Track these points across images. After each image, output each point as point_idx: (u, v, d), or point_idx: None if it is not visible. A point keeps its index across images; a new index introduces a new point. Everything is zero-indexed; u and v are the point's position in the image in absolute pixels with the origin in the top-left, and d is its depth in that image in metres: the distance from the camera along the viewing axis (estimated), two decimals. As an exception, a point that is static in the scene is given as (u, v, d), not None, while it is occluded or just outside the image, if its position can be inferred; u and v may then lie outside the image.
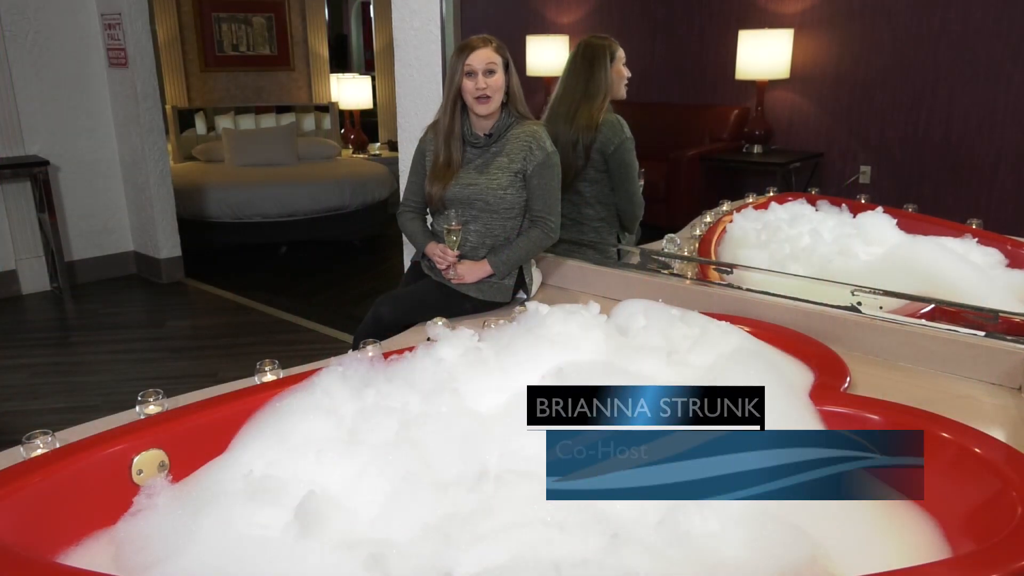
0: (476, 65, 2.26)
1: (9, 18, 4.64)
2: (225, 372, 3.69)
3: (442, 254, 2.37)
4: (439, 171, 2.38)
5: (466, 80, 2.28)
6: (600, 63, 2.65)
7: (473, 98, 2.28)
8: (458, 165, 2.38)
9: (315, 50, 7.48)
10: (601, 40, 2.68)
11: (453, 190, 2.37)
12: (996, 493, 1.28)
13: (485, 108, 2.30)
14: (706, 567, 1.18)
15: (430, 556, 1.21)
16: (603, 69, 2.65)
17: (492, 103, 2.29)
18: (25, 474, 1.35)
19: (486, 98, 2.28)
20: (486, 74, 2.26)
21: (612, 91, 2.68)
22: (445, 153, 2.37)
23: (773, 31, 2.86)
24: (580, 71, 2.67)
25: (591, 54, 2.66)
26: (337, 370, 1.68)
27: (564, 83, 2.72)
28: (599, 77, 2.65)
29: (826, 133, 2.84)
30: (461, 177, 2.37)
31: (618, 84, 2.70)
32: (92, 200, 5.17)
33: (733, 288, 2.38)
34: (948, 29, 2.51)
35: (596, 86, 2.65)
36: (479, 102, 2.28)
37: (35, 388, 3.62)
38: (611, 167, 2.69)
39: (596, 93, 2.65)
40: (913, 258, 2.35)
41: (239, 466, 1.44)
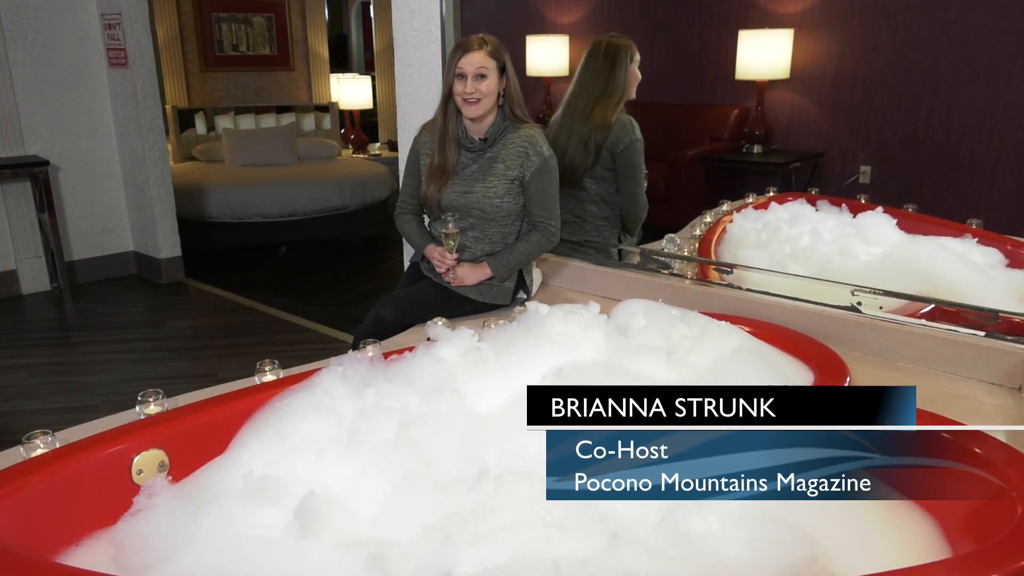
0: (466, 69, 2.24)
1: (9, 18, 4.64)
2: (225, 372, 3.69)
3: (440, 257, 2.36)
4: (434, 174, 2.37)
5: (456, 82, 2.27)
6: (621, 63, 2.66)
7: (462, 100, 2.27)
8: (453, 169, 2.36)
9: (315, 50, 7.48)
10: (622, 40, 2.69)
11: (449, 197, 2.36)
12: (996, 493, 1.28)
13: (472, 111, 2.27)
14: (706, 567, 1.18)
15: (430, 556, 1.21)
16: (623, 69, 2.66)
17: (480, 107, 2.27)
18: (25, 474, 1.35)
19: (474, 101, 2.26)
20: (476, 78, 2.24)
21: (626, 92, 2.69)
22: (440, 156, 2.36)
23: (773, 31, 2.86)
24: (601, 70, 2.67)
25: (613, 53, 2.67)
26: (337, 370, 1.68)
27: (581, 80, 2.72)
28: (619, 77, 2.66)
29: (826, 133, 2.84)
30: (457, 184, 2.36)
31: (632, 86, 2.70)
32: (92, 200, 5.17)
33: (733, 288, 2.38)
34: (948, 29, 2.51)
35: (615, 86, 2.66)
36: (466, 105, 2.27)
37: (35, 388, 3.62)
38: (618, 166, 2.69)
39: (614, 92, 2.66)
40: (913, 258, 2.35)
41: (239, 466, 1.44)
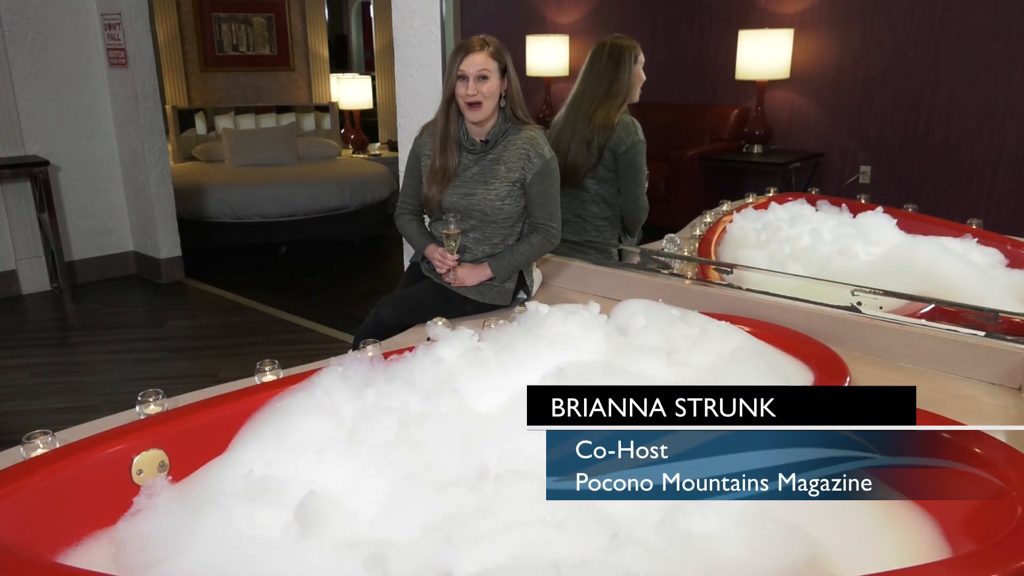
0: (468, 71, 2.24)
1: (9, 18, 4.64)
2: (225, 372, 3.69)
3: (441, 258, 2.36)
4: (436, 176, 2.37)
5: (458, 84, 2.26)
6: (625, 64, 2.65)
7: (464, 103, 2.27)
8: (455, 171, 2.36)
9: (315, 50, 7.48)
10: (626, 41, 2.68)
11: (451, 198, 2.36)
12: (996, 493, 1.28)
13: (475, 115, 2.27)
14: (706, 567, 1.18)
15: (430, 556, 1.21)
16: (627, 70, 2.65)
17: (483, 110, 2.27)
18: (25, 474, 1.35)
19: (477, 104, 2.25)
20: (478, 80, 2.24)
21: (630, 93, 2.69)
22: (442, 159, 2.35)
23: (773, 31, 2.86)
24: (605, 71, 2.67)
25: (617, 54, 2.66)
26: (337, 370, 1.68)
27: (585, 81, 2.71)
28: (623, 78, 2.65)
29: (826, 133, 2.84)
30: (459, 186, 2.36)
31: (635, 87, 2.70)
32: (92, 200, 5.17)
33: (733, 288, 2.38)
34: (948, 29, 2.51)
35: (619, 87, 2.66)
36: (470, 108, 2.27)
37: (35, 388, 3.62)
38: (620, 167, 2.69)
39: (618, 93, 2.66)
40: (913, 258, 2.35)
41: (239, 466, 1.44)
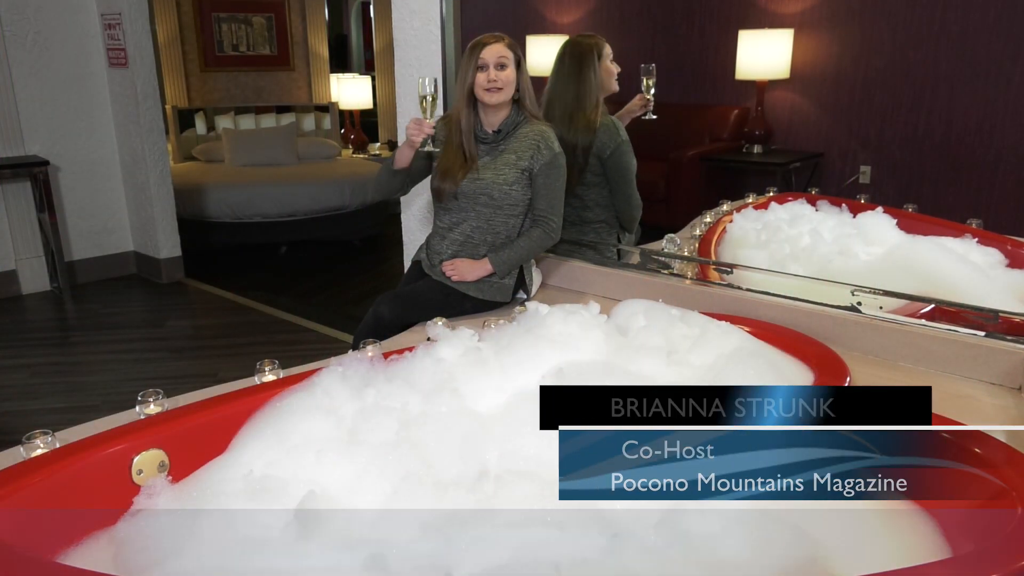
0: (488, 59, 2.28)
1: (9, 18, 4.64)
2: (225, 372, 3.69)
3: (417, 125, 2.32)
4: (451, 167, 2.38)
5: (478, 74, 2.29)
6: (588, 63, 2.61)
7: (483, 89, 2.30)
8: (472, 163, 2.38)
9: (315, 50, 7.48)
10: (587, 39, 2.65)
11: (461, 184, 2.37)
12: (996, 493, 1.28)
13: (495, 98, 2.30)
14: (706, 567, 1.18)
15: (430, 556, 1.21)
16: (592, 69, 2.61)
17: (503, 94, 2.31)
18: (25, 474, 1.35)
19: (497, 89, 2.29)
20: (498, 67, 2.28)
21: (604, 89, 2.67)
22: (459, 152, 2.37)
23: (773, 31, 2.86)
24: (570, 73, 2.64)
25: (579, 54, 2.63)
26: (337, 370, 1.68)
27: (553, 85, 2.69)
28: (589, 77, 2.62)
29: (826, 133, 2.84)
30: (469, 171, 2.38)
31: (608, 80, 2.68)
32: (92, 200, 5.17)
33: (733, 288, 2.38)
34: (948, 29, 2.51)
35: (587, 87, 2.62)
36: (489, 93, 2.30)
37: (35, 388, 3.62)
38: (608, 171, 2.69)
39: (588, 94, 2.62)
40: (913, 258, 2.34)
41: (239, 466, 1.44)
